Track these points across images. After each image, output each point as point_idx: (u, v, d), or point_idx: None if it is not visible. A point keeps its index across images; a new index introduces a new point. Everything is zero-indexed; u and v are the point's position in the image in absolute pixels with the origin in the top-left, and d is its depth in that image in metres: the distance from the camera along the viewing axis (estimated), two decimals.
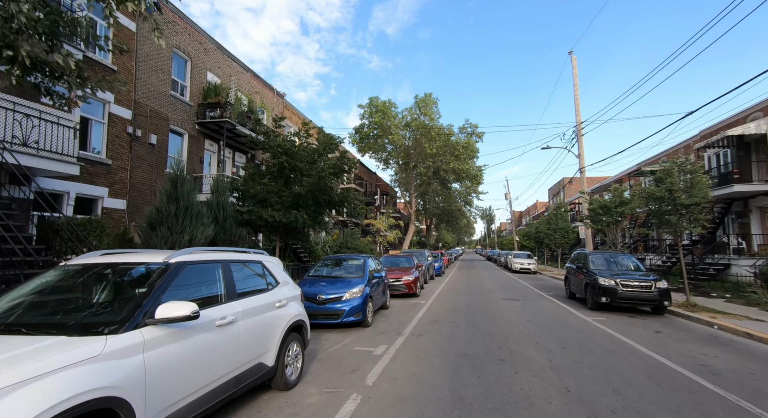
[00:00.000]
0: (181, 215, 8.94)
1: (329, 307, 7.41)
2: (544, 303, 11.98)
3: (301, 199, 11.92)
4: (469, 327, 7.96)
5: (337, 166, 12.31)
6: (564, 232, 25.47)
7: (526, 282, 19.77)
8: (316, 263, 9.41)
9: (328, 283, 8.05)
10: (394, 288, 12.59)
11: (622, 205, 14.94)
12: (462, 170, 33.80)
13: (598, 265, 11.56)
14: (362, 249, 21.89)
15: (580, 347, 6.46)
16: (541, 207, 66.95)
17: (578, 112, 20.32)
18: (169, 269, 2.92)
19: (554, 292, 15.28)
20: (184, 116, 15.43)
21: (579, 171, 20.20)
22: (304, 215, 11.95)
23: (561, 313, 10.13)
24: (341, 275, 8.64)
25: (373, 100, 32.27)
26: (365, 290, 7.96)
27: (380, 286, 9.53)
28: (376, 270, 9.45)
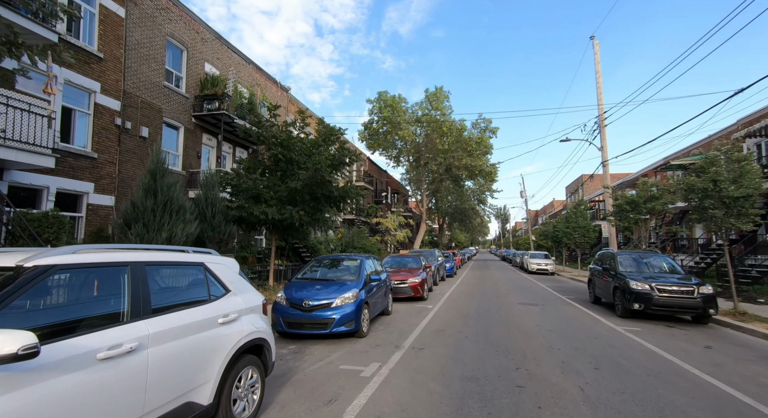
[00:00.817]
0: (159, 211, 8.09)
1: (317, 315, 6.42)
2: (566, 309, 10.74)
3: (297, 194, 11.00)
4: (480, 339, 6.85)
5: (336, 157, 11.32)
6: (584, 230, 23.93)
7: (543, 284, 18.43)
8: (307, 263, 8.43)
9: (317, 287, 7.05)
10: (399, 291, 11.53)
11: (651, 201, 13.53)
12: (475, 167, 32.46)
13: (627, 266, 10.26)
14: (369, 249, 20.91)
15: (617, 367, 5.28)
16: (558, 205, 64.77)
17: (600, 101, 18.85)
18: (19, 278, 1.95)
19: (576, 296, 13.96)
20: (180, 109, 14.70)
21: (601, 165, 18.74)
22: (301, 212, 11.01)
23: (587, 321, 8.90)
24: (334, 277, 7.63)
25: (382, 95, 31.24)
26: (360, 294, 6.93)
27: (380, 290, 8.50)
28: (375, 272, 8.41)
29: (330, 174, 10.95)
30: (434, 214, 52.49)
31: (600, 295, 11.46)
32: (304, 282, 7.34)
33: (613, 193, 15.20)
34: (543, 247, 41.34)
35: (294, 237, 12.15)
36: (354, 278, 7.42)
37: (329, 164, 11.17)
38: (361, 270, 7.59)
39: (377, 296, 8.13)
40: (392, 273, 12.05)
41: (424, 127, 32.26)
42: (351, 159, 11.85)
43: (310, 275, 7.72)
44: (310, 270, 7.92)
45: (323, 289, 6.91)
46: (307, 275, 7.75)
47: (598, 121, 18.90)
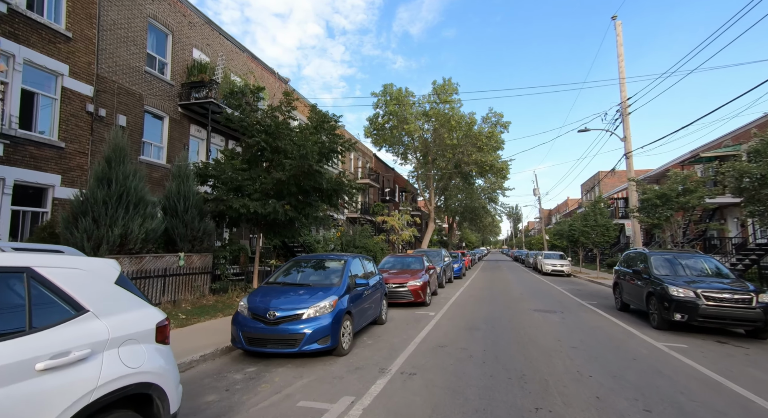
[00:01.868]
0: (113, 203, 6.95)
1: (284, 329, 5.16)
2: (590, 317, 9.29)
3: (282, 186, 9.78)
4: (488, 360, 5.51)
5: (326, 145, 10.08)
6: (603, 229, 22.24)
7: (560, 287, 16.89)
8: (282, 265, 7.20)
9: (289, 293, 5.80)
10: (397, 295, 10.23)
11: (686, 194, 11.94)
12: (485, 162, 30.90)
13: (664, 268, 8.76)
14: (371, 248, 19.64)
15: (676, 409, 3.89)
16: (573, 204, 62.54)
17: (623, 87, 17.22)
18: None
19: (599, 301, 12.45)
20: (164, 97, 13.66)
21: (624, 157, 17.11)
22: (286, 206, 9.79)
23: (617, 334, 7.46)
24: (311, 281, 6.37)
25: (388, 88, 29.94)
26: (340, 303, 5.66)
27: (371, 295, 7.22)
28: (364, 275, 7.13)
29: (319, 164, 9.71)
30: (443, 213, 50.95)
31: (628, 301, 9.98)
32: (274, 287, 6.10)
33: (639, 187, 13.60)
34: (557, 247, 39.53)
35: (282, 235, 10.95)
36: (335, 282, 6.14)
37: (318, 152, 9.94)
38: (344, 273, 6.32)
39: (366, 304, 6.84)
40: (390, 275, 10.76)
41: (432, 121, 30.82)
42: (344, 147, 10.59)
43: (283, 279, 6.47)
44: (285, 273, 6.67)
45: (295, 296, 5.65)
46: (280, 278, 6.50)
47: (621, 108, 17.28)
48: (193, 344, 5.62)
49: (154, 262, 7.89)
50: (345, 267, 6.49)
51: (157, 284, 7.95)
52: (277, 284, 6.23)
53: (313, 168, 9.35)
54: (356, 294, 6.38)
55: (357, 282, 6.41)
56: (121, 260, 7.06)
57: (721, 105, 10.41)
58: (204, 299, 9.20)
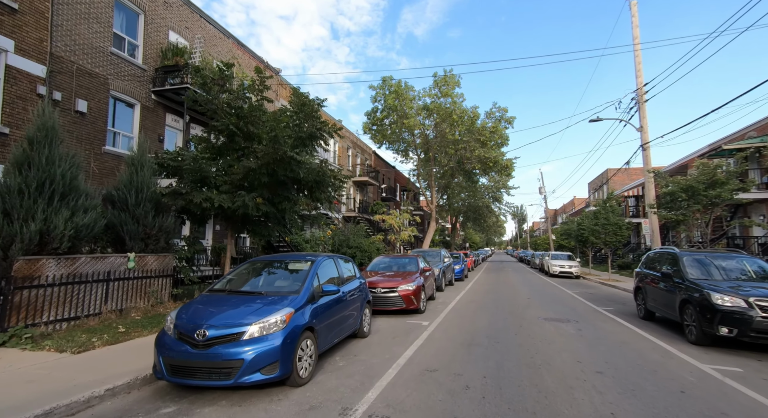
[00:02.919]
0: (33, 192, 5.70)
1: (215, 353, 3.87)
2: (611, 328, 7.92)
3: (253, 176, 8.52)
4: (490, 394, 4.18)
5: (303, 128, 8.80)
6: (615, 228, 20.77)
7: (570, 291, 15.49)
8: (234, 268, 5.91)
9: (231, 303, 4.51)
10: (386, 302, 8.92)
11: (715, 187, 10.52)
12: (489, 159, 29.47)
13: (700, 271, 7.38)
14: (366, 248, 18.34)
15: None
16: (579, 203, 60.92)
17: (639, 72, 15.80)
18: None
19: (616, 307, 11.06)
20: (135, 82, 12.47)
21: (640, 148, 15.67)
22: (258, 199, 8.51)
23: (650, 352, 6.09)
24: (265, 288, 5.08)
25: (387, 80, 28.61)
26: (297, 317, 4.36)
27: (347, 305, 5.93)
28: (337, 280, 5.85)
29: (295, 150, 8.41)
30: (446, 212, 49.54)
31: (654, 308, 8.59)
32: (215, 297, 4.80)
33: (660, 179, 12.18)
34: (564, 247, 38.01)
35: (257, 232, 9.68)
36: (294, 289, 4.84)
37: (293, 136, 8.66)
38: (307, 278, 5.01)
39: (339, 315, 5.54)
40: (380, 278, 9.46)
41: (433, 117, 29.44)
42: (325, 131, 9.29)
43: (231, 286, 5.17)
44: (235, 278, 5.37)
45: (238, 308, 4.36)
46: (228, 284, 5.21)
47: (637, 95, 15.85)
48: (108, 371, 4.35)
49: (92, 264, 6.63)
50: (310, 271, 5.18)
51: (98, 291, 6.69)
52: (221, 293, 4.93)
53: (287, 155, 8.05)
54: (324, 304, 5.07)
55: (325, 289, 5.10)
56: (44, 262, 5.81)
57: (751, 88, 9.04)
58: (162, 306, 7.95)
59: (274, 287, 5.09)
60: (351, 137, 32.68)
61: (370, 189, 35.89)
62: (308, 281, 4.92)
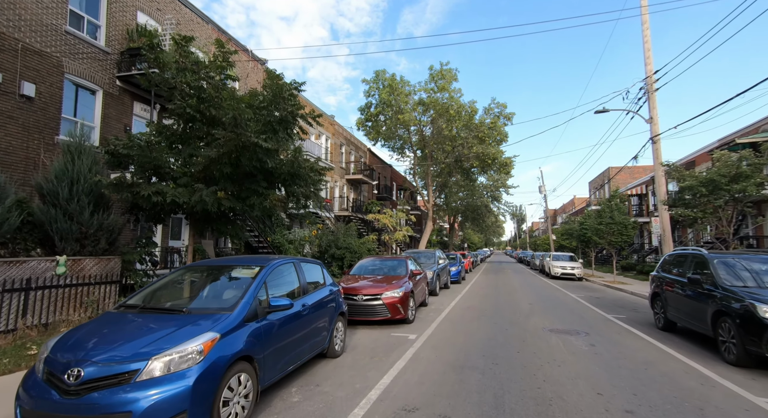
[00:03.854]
0: None
1: (90, 404, 2.68)
2: (630, 343, 6.76)
3: (214, 166, 7.36)
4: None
5: (271, 111, 7.64)
6: (621, 227, 19.64)
7: (575, 294, 14.35)
8: (161, 276, 4.73)
9: (134, 328, 3.33)
10: (369, 311, 7.77)
11: (740, 180, 9.40)
12: (487, 156, 28.31)
13: (737, 277, 6.24)
14: (357, 249, 17.16)
15: None
16: (580, 203, 59.86)
17: (649, 59, 14.68)
18: None
19: (627, 314, 9.92)
20: (97, 66, 11.29)
21: (650, 141, 14.54)
22: (220, 193, 7.34)
23: (684, 379, 4.94)
24: (192, 305, 3.90)
25: (380, 74, 27.47)
26: (225, 344, 3.19)
27: (310, 321, 4.78)
28: (296, 291, 4.69)
29: (262, 136, 7.24)
30: (444, 212, 48.42)
31: (676, 318, 7.44)
32: (120, 317, 3.61)
33: (676, 173, 11.04)
34: (566, 247, 36.89)
35: (222, 231, 8.51)
36: (227, 305, 3.67)
37: (261, 120, 7.50)
38: (247, 290, 3.83)
39: (296, 335, 4.38)
40: (363, 285, 8.30)
41: (429, 112, 28.25)
42: (300, 117, 8.12)
43: (149, 300, 3.99)
44: (161, 288, 4.20)
45: (140, 333, 3.18)
46: (147, 298, 4.03)
47: (646, 84, 14.73)
48: None
49: (6, 270, 5.46)
50: (254, 280, 4.00)
51: (12, 302, 5.51)
52: (133, 310, 3.74)
53: (250, 141, 6.88)
54: (272, 323, 3.91)
55: (274, 304, 3.93)
56: None
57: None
58: None
59: (203, 302, 3.92)
60: (345, 134, 31.52)
61: (365, 188, 34.74)
62: (248, 295, 3.75)
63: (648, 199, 32.36)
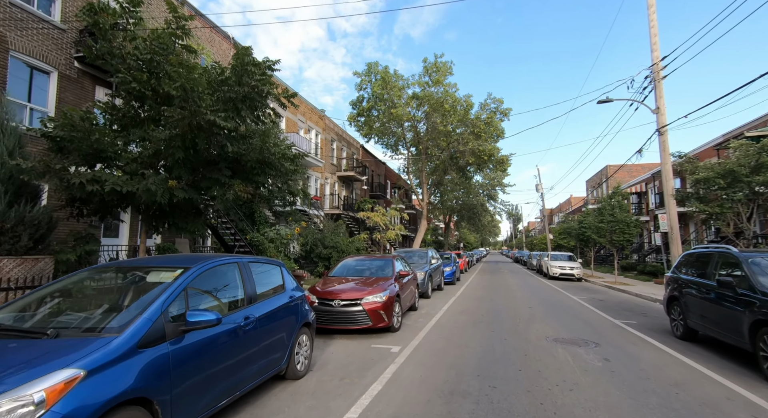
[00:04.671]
0: None
1: None
2: (649, 357, 5.78)
3: (167, 150, 6.29)
4: None
5: (232, 86, 6.58)
6: (623, 226, 18.74)
7: (577, 296, 13.40)
8: (51, 282, 3.65)
9: None
10: (346, 318, 6.74)
11: (764, 171, 8.47)
12: (483, 152, 27.36)
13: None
14: (344, 248, 16.14)
15: None
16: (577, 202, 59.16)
17: (655, 45, 13.76)
18: None
19: (638, 319, 8.96)
20: (51, 45, 10.17)
21: (657, 133, 13.60)
22: (172, 182, 6.28)
23: (728, 407, 3.94)
24: (66, 322, 2.83)
25: (373, 67, 26.40)
26: (93, 385, 2.15)
27: (257, 339, 3.76)
28: (240, 302, 3.66)
29: (220, 114, 6.17)
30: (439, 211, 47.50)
31: (699, 326, 6.47)
32: None
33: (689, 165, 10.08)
34: (563, 247, 36.04)
35: (179, 227, 7.42)
36: (116, 324, 2.61)
37: (222, 98, 6.43)
38: (153, 303, 2.76)
39: (233, 359, 3.35)
40: (340, 288, 7.27)
41: (423, 107, 27.21)
42: (269, 93, 7.05)
43: (15, 315, 2.92)
44: (43, 297, 3.12)
45: None
46: (14, 311, 2.96)
47: (652, 72, 13.80)
48: None
49: None
50: (167, 289, 2.94)
51: None
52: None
53: (205, 119, 5.82)
54: (190, 347, 2.86)
55: (193, 320, 2.86)
56: None
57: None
58: None
59: (82, 320, 2.83)
60: (336, 129, 30.47)
61: (358, 185, 33.70)
62: (150, 309, 2.69)
63: (648, 197, 31.58)
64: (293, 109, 23.72)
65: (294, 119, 23.70)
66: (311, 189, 25.32)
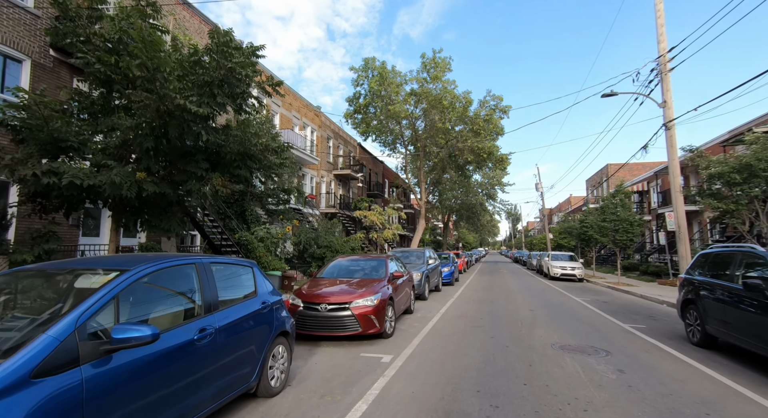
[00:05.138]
0: None
1: None
2: (667, 369, 5.20)
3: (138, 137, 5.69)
4: None
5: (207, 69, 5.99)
6: (627, 225, 18.19)
7: (580, 298, 12.85)
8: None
9: None
10: (334, 324, 6.16)
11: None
12: (482, 149, 26.77)
13: None
14: (339, 248, 15.56)
15: None
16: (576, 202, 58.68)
17: (662, 36, 13.21)
18: None
19: (647, 323, 8.40)
20: (23, 31, 9.57)
21: (663, 127, 13.06)
22: (140, 174, 5.68)
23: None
24: None
25: (370, 62, 25.79)
26: None
27: (217, 354, 3.19)
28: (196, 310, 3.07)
29: (191, 98, 5.58)
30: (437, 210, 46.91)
31: (720, 333, 5.90)
32: None
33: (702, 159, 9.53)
34: (564, 247, 35.52)
35: (153, 225, 6.83)
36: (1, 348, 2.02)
37: (196, 81, 5.84)
38: (65, 316, 2.17)
39: (177, 384, 2.76)
40: (328, 291, 6.70)
41: (422, 104, 26.61)
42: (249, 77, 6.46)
43: None
44: None
45: None
46: None
47: (659, 65, 13.25)
48: None
49: None
50: (89, 298, 2.35)
51: None
52: None
53: (174, 103, 5.23)
54: (116, 371, 2.28)
55: (118, 337, 2.27)
56: None
57: None
58: None
59: None
60: (332, 127, 29.88)
61: (355, 184, 33.11)
62: (58, 326, 2.09)
63: (650, 196, 31.08)
64: (287, 105, 23.10)
65: (289, 116, 23.10)
66: (306, 187, 24.72)
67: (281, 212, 17.16)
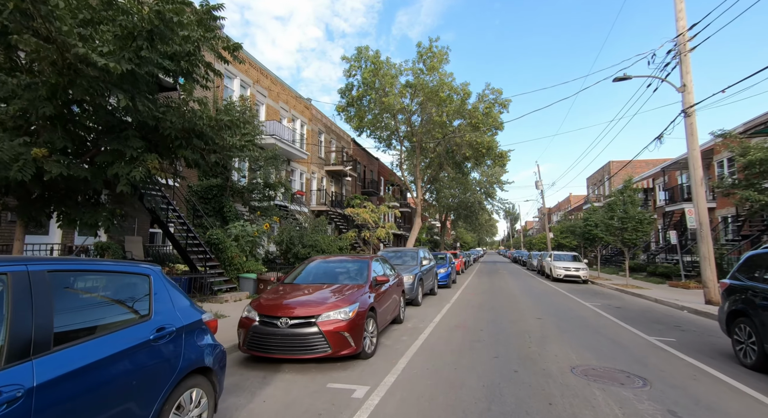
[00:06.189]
0: None
1: None
2: (732, 408, 3.91)
3: (34, 101, 4.35)
4: None
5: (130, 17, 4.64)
6: (636, 223, 16.94)
7: (589, 303, 11.57)
8: None
9: None
10: (295, 343, 4.85)
11: None
12: (481, 144, 25.48)
13: None
14: (325, 247, 14.22)
15: None
16: (576, 201, 57.55)
17: (681, 13, 11.96)
18: None
19: (674, 334, 7.11)
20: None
21: (682, 114, 11.80)
22: (41, 151, 4.33)
23: None
24: None
25: (363, 51, 24.45)
26: None
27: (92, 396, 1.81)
28: None
29: (101, 50, 4.23)
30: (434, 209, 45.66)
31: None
32: None
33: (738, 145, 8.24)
34: (565, 246, 34.30)
35: (70, 219, 5.47)
36: None
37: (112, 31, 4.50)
38: None
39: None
40: (290, 302, 5.38)
41: (418, 95, 25.29)
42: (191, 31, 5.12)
43: None
44: None
45: None
46: None
47: (677, 45, 11.98)
48: None
49: None
50: None
51: None
52: None
53: (73, 53, 3.88)
54: None
55: None
56: None
57: None
58: None
59: None
60: (324, 121, 28.52)
61: (348, 181, 31.78)
62: None
63: (655, 193, 29.92)
64: (275, 95, 21.73)
65: (276, 107, 21.74)
66: (296, 183, 23.39)
67: (263, 208, 15.83)
